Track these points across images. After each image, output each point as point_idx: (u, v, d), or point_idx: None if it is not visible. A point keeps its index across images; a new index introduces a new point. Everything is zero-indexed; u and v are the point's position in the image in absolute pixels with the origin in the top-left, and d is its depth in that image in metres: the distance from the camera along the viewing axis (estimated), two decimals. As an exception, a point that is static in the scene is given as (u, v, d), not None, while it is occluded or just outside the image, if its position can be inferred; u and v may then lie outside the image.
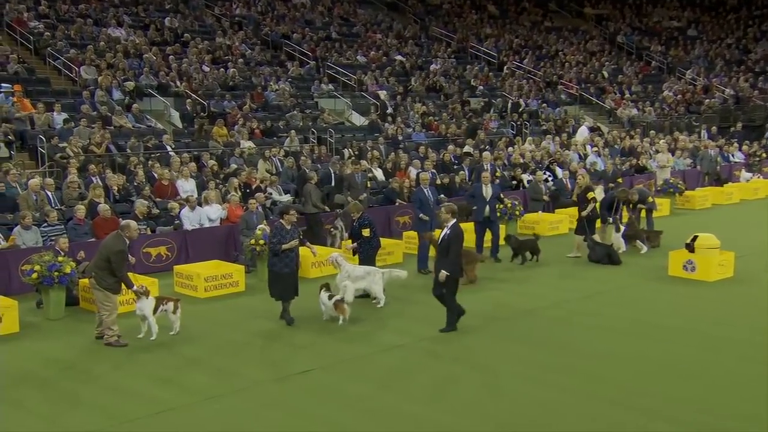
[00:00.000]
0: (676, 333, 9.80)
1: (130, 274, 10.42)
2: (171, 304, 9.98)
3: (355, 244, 12.06)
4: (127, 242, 9.75)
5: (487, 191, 13.83)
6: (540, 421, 7.15)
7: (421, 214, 13.36)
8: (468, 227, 13.62)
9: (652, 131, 27.47)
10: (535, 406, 7.48)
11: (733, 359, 8.76)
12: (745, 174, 24.39)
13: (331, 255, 11.67)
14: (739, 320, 10.34)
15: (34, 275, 10.60)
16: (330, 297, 10.42)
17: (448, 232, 9.82)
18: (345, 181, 16.37)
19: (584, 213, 14.07)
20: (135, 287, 9.75)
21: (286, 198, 16.48)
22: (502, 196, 14.82)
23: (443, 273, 9.67)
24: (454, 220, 9.86)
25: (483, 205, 13.81)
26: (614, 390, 7.86)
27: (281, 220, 10.44)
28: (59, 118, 18.44)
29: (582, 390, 7.86)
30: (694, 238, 12.89)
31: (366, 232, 11.94)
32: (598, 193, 19.47)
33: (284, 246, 10.18)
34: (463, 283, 12.79)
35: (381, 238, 12.84)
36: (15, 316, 10.19)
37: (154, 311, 9.80)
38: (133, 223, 9.98)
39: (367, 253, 11.99)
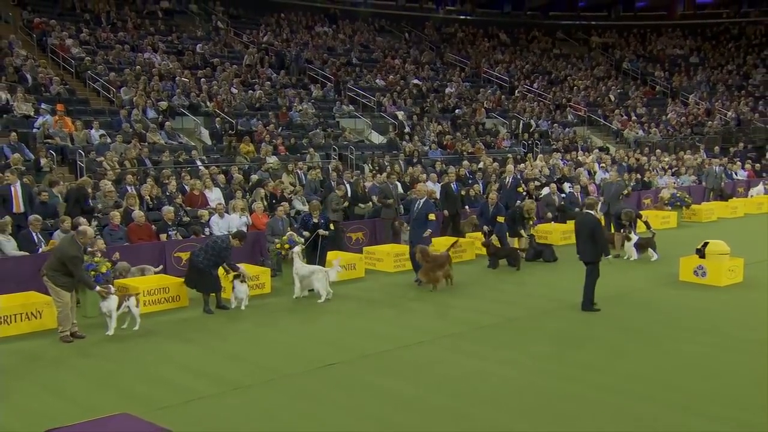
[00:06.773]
0: (695, 333, 9.44)
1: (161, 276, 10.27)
2: (133, 299, 9.86)
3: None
4: (82, 248, 9.58)
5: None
6: (567, 413, 6.86)
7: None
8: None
9: (657, 150, 27.17)
10: (562, 401, 7.18)
11: (757, 358, 8.40)
12: (758, 188, 24.07)
13: (294, 249, 11.87)
14: (755, 322, 9.93)
15: (72, 275, 10.43)
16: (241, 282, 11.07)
17: None
18: (382, 192, 16.35)
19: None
20: (98, 287, 9.59)
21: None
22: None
23: None
24: None
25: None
26: (641, 385, 7.51)
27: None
28: (96, 134, 18.54)
29: (607, 385, 7.54)
30: (705, 245, 12.55)
31: (328, 229, 12.61)
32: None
33: None
34: (426, 282, 11.81)
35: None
36: (54, 313, 10.00)
37: (118, 307, 9.68)
38: (89, 230, 9.84)
39: (323, 251, 12.37)
